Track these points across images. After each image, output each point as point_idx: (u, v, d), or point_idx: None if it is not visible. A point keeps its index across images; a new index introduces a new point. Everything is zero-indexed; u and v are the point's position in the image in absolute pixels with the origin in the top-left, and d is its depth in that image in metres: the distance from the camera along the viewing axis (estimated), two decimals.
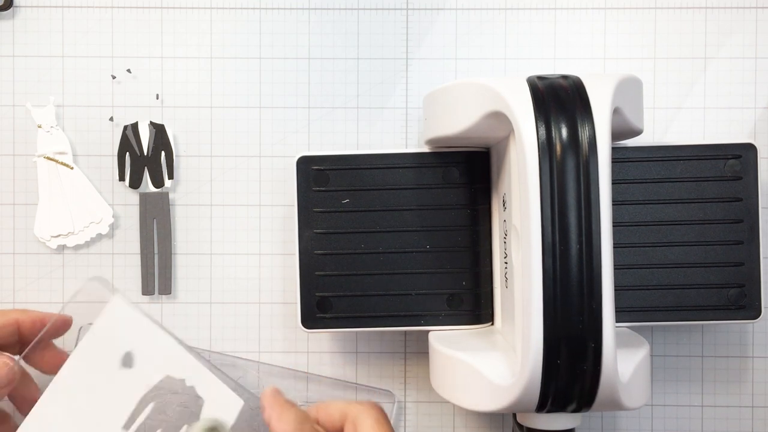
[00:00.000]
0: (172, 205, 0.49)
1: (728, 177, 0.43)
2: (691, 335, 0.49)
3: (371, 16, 0.49)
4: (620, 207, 0.43)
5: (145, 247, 0.49)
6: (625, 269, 0.43)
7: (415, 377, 0.49)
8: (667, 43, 0.49)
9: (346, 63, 0.49)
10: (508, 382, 0.37)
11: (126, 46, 0.49)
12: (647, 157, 0.43)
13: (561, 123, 0.35)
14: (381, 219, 0.44)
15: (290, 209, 0.49)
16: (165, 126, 0.49)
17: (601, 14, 0.49)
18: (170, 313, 0.49)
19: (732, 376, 0.49)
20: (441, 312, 0.44)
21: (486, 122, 0.39)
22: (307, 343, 0.49)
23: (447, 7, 0.49)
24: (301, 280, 0.44)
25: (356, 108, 0.49)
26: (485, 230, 0.44)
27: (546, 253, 0.35)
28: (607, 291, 0.35)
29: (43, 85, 0.49)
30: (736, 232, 0.43)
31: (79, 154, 0.49)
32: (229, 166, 0.49)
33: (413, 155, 0.44)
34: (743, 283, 0.43)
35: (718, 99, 0.49)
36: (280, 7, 0.49)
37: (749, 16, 0.48)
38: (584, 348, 0.35)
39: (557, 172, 0.35)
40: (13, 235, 0.49)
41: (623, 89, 0.38)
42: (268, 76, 0.49)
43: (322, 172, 0.44)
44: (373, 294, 0.44)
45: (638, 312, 0.44)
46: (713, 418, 0.49)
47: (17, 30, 0.49)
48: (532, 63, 0.49)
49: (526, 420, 0.41)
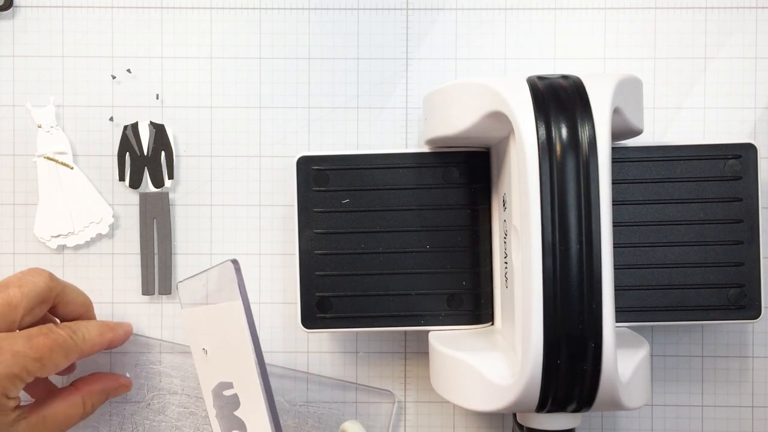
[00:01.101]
0: (172, 205, 0.49)
1: (728, 177, 0.43)
2: (691, 335, 0.49)
3: (371, 16, 0.49)
4: (620, 207, 0.43)
5: (145, 247, 0.49)
6: (625, 269, 0.43)
7: (415, 377, 0.49)
8: (667, 43, 0.49)
9: (346, 63, 0.49)
10: (508, 382, 0.37)
11: (126, 46, 0.49)
12: (647, 157, 0.43)
13: (561, 123, 0.35)
14: (381, 219, 0.44)
15: (290, 209, 0.49)
16: (165, 126, 0.49)
17: (601, 14, 0.49)
18: (170, 313, 0.49)
19: (732, 376, 0.49)
20: (441, 312, 0.44)
21: (486, 122, 0.39)
22: (307, 343, 0.49)
23: (447, 7, 0.49)
24: (301, 280, 0.44)
25: (356, 108, 0.49)
26: (485, 230, 0.44)
27: (546, 253, 0.35)
28: (607, 291, 0.35)
29: (43, 85, 0.49)
30: (736, 232, 0.43)
31: (79, 154, 0.49)
32: (229, 166, 0.49)
33: (413, 155, 0.44)
34: (743, 283, 0.43)
35: (718, 99, 0.49)
36: (280, 7, 0.49)
37: (749, 16, 0.48)
38: (584, 348, 0.35)
39: (557, 172, 0.35)
40: (13, 235, 0.49)
41: (623, 89, 0.38)
42: (268, 76, 0.49)
43: (322, 172, 0.44)
44: (373, 294, 0.44)
45: (638, 312, 0.44)
46: (713, 418, 0.49)
47: (17, 30, 0.49)
48: (532, 63, 0.49)
49: (526, 420, 0.41)
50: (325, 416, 0.49)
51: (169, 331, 0.49)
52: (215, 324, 0.42)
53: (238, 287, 0.40)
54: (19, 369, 0.39)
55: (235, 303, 0.40)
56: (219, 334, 0.42)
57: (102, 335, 0.44)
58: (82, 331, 0.43)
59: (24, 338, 0.40)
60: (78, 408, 0.44)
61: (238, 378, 0.41)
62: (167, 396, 0.49)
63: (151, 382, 0.49)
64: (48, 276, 0.42)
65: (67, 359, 0.42)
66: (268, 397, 0.39)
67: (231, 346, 0.41)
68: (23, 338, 0.40)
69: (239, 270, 0.40)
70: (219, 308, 0.42)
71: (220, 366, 0.42)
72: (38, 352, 0.40)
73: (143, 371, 0.49)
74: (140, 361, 0.49)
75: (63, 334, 0.41)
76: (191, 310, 0.44)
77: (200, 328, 0.44)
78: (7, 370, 0.39)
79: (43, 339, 0.40)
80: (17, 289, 0.41)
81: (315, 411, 0.49)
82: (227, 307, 0.41)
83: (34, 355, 0.40)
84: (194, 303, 0.44)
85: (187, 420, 0.49)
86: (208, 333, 0.43)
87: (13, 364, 0.39)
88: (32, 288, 0.41)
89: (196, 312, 0.44)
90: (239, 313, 0.40)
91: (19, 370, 0.39)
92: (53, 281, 0.42)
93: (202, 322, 0.43)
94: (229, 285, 0.40)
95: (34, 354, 0.40)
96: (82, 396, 0.44)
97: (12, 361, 0.39)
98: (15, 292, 0.40)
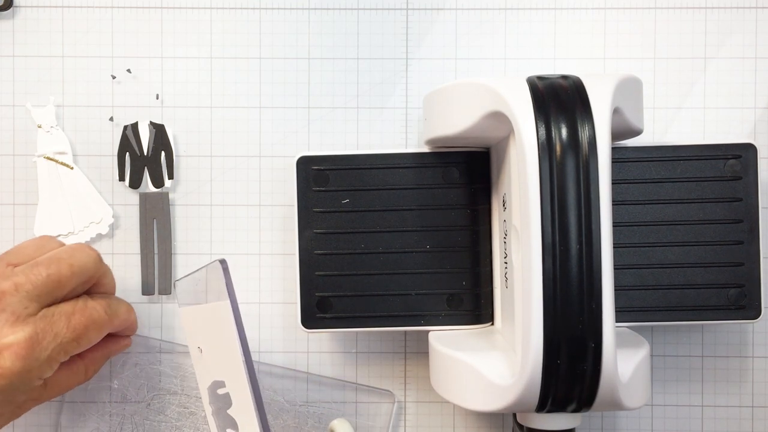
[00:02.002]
0: (172, 205, 0.49)
1: (728, 177, 0.43)
2: (691, 335, 0.49)
3: (371, 16, 0.49)
4: (620, 207, 0.43)
5: (145, 247, 0.49)
6: (625, 269, 0.43)
7: (415, 377, 0.49)
8: (667, 43, 0.49)
9: (346, 63, 0.49)
10: (508, 382, 0.37)
11: (126, 46, 0.49)
12: (647, 157, 0.43)
13: (561, 123, 0.35)
14: (381, 219, 0.44)
15: (290, 209, 0.49)
16: (165, 126, 0.49)
17: (601, 14, 0.49)
18: (170, 313, 0.49)
19: (732, 376, 0.49)
20: (441, 312, 0.44)
21: (486, 122, 0.39)
22: (307, 343, 0.49)
23: (447, 7, 0.49)
24: (301, 280, 0.44)
25: (356, 108, 0.49)
26: (485, 230, 0.44)
27: (546, 253, 0.35)
28: (607, 291, 0.35)
29: (43, 85, 0.49)
30: (736, 232, 0.43)
31: (79, 154, 0.49)
32: (229, 166, 0.49)
33: (413, 155, 0.44)
34: (743, 283, 0.43)
35: (718, 99, 0.49)
36: (280, 7, 0.49)
37: (749, 16, 0.48)
38: (584, 348, 0.35)
39: (557, 172, 0.35)
40: (13, 235, 0.49)
41: (623, 89, 0.38)
42: (268, 76, 0.49)
43: (322, 172, 0.44)
44: (373, 294, 0.44)
45: (638, 312, 0.44)
46: (713, 418, 0.49)
47: (17, 30, 0.49)
48: (532, 63, 0.49)
49: (526, 420, 0.41)
50: (325, 416, 0.49)
51: (168, 332, 0.49)
52: (208, 323, 0.42)
53: (226, 287, 0.40)
54: (58, 351, 0.39)
55: (223, 303, 0.40)
56: (211, 334, 0.42)
57: (128, 313, 0.45)
58: (114, 305, 0.43)
59: (65, 319, 0.40)
60: (80, 376, 0.44)
61: (230, 377, 0.41)
62: (167, 396, 0.49)
63: (150, 383, 0.49)
64: (97, 257, 0.42)
65: (100, 335, 0.42)
66: (255, 397, 0.39)
67: (222, 345, 0.41)
68: (64, 319, 0.40)
69: (227, 270, 0.40)
70: (210, 308, 0.42)
71: (214, 365, 0.42)
72: (76, 332, 0.40)
73: (143, 371, 0.49)
74: (140, 361, 0.49)
75: (99, 310, 0.41)
76: (187, 309, 0.44)
77: (196, 326, 0.44)
78: (48, 354, 0.39)
79: (79, 317, 0.40)
80: (68, 268, 0.40)
81: (315, 411, 0.49)
82: (217, 307, 0.41)
83: (72, 335, 0.40)
84: (190, 302, 0.44)
85: (186, 420, 0.49)
86: (202, 332, 0.43)
87: (55, 349, 0.39)
88: (81, 267, 0.41)
89: (191, 311, 0.44)
90: (227, 313, 0.40)
91: (57, 353, 0.39)
92: (100, 263, 0.43)
93: (197, 321, 0.43)
94: (218, 285, 0.40)
95: (72, 335, 0.40)
96: (85, 364, 0.44)
97: (54, 345, 0.39)
98: (66, 270, 0.40)
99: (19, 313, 0.38)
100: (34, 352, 0.38)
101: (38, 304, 0.39)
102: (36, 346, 0.38)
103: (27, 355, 0.38)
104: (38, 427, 0.49)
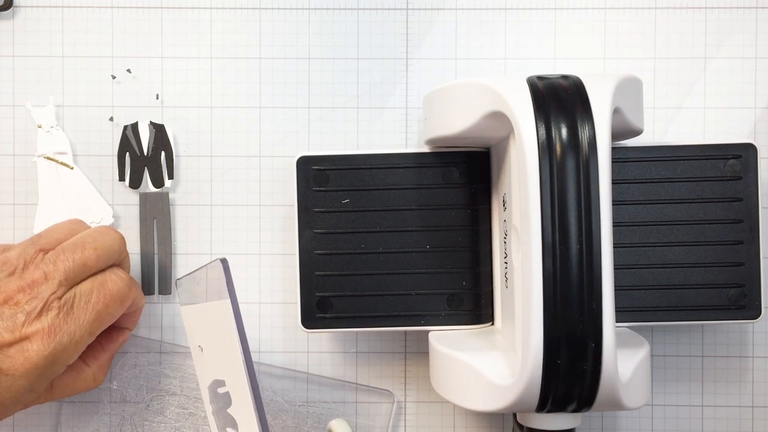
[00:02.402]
0: (172, 205, 0.49)
1: (728, 177, 0.43)
2: (691, 335, 0.49)
3: (371, 16, 0.49)
4: (620, 207, 0.43)
5: (145, 247, 0.49)
6: (625, 269, 0.43)
7: (415, 377, 0.49)
8: (667, 43, 0.49)
9: (346, 63, 0.49)
10: (508, 382, 0.37)
11: (126, 46, 0.49)
12: (647, 157, 0.43)
13: (561, 123, 0.35)
14: (381, 219, 0.44)
15: (290, 209, 0.49)
16: (165, 126, 0.49)
17: (601, 14, 0.49)
18: (170, 313, 0.49)
19: (732, 376, 0.49)
20: (441, 312, 0.44)
21: (486, 122, 0.39)
22: (307, 343, 0.49)
23: (447, 7, 0.49)
24: (301, 280, 0.44)
25: (356, 108, 0.49)
26: (485, 230, 0.44)
27: (546, 253, 0.35)
28: (607, 291, 0.35)
29: (43, 85, 0.49)
30: (736, 232, 0.43)
31: (79, 154, 0.49)
32: (229, 166, 0.49)
33: (413, 155, 0.44)
34: (743, 283, 0.43)
35: (718, 99, 0.49)
36: (280, 7, 0.49)
37: (749, 16, 0.48)
38: (584, 348, 0.35)
39: (557, 172, 0.35)
40: (13, 235, 0.49)
41: (623, 89, 0.38)
42: (268, 76, 0.49)
43: (322, 172, 0.44)
44: (373, 294, 0.44)
45: (638, 312, 0.44)
46: (713, 418, 0.49)
47: (17, 30, 0.49)
48: (532, 63, 0.49)
49: (526, 420, 0.41)
50: (324, 416, 0.49)
51: (168, 332, 0.49)
52: (208, 322, 0.42)
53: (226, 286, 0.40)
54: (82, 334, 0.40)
55: (224, 302, 0.40)
56: (212, 332, 0.42)
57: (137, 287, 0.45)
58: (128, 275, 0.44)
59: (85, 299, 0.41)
60: (89, 382, 0.45)
61: (230, 376, 0.41)
62: (166, 397, 0.49)
63: (150, 383, 0.49)
64: (121, 239, 0.44)
65: (122, 307, 0.43)
66: (255, 396, 0.39)
67: (222, 344, 0.41)
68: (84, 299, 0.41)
69: (228, 269, 0.40)
70: (211, 306, 0.42)
71: (214, 363, 0.42)
72: (96, 313, 0.41)
73: (142, 372, 0.49)
74: (139, 361, 0.49)
75: (117, 282, 0.42)
76: (188, 308, 0.44)
77: (196, 325, 0.44)
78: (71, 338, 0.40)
79: (98, 294, 0.41)
80: (93, 252, 0.41)
81: (315, 411, 0.49)
82: (217, 306, 0.41)
83: (94, 317, 0.41)
84: (190, 300, 0.44)
85: (186, 421, 0.49)
86: (202, 330, 0.43)
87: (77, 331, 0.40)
88: (107, 251, 0.42)
89: (192, 309, 0.44)
90: (227, 311, 0.40)
91: (81, 336, 0.40)
92: (124, 246, 0.44)
93: (197, 319, 0.43)
94: (219, 284, 0.40)
95: (94, 316, 0.41)
96: (93, 372, 0.45)
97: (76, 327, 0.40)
98: (91, 255, 0.41)
99: (47, 300, 0.39)
100: (57, 336, 0.39)
101: (65, 289, 0.40)
102: (59, 330, 0.39)
103: (52, 339, 0.39)
104: (38, 428, 0.49)
